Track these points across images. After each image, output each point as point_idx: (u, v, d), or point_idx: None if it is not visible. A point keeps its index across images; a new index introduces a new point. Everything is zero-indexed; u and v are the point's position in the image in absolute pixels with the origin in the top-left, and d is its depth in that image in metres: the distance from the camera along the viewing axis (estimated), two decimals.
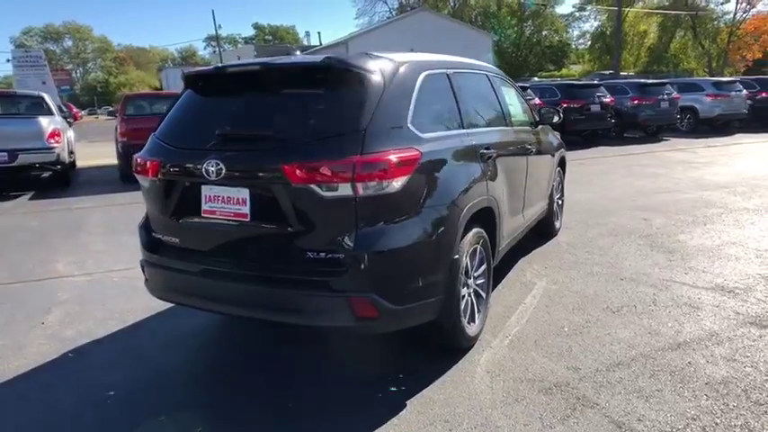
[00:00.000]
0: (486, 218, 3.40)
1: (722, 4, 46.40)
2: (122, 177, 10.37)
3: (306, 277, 2.59)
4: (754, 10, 44.32)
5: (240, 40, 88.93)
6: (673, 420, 2.57)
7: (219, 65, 2.97)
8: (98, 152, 16.41)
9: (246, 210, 2.68)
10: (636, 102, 15.71)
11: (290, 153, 2.52)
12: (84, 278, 4.95)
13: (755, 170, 9.87)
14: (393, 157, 2.53)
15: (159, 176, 2.92)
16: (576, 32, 62.96)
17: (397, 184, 2.55)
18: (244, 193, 2.67)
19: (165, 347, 3.55)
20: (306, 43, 63.13)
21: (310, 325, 2.88)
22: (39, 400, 2.95)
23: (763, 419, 2.55)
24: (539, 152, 4.82)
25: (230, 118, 2.89)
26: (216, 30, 52.92)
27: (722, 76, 32.75)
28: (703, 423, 2.54)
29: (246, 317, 3.05)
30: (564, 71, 54.64)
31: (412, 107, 2.83)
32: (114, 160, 12.88)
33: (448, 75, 3.39)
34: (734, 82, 17.92)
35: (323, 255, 2.57)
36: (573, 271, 4.71)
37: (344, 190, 2.47)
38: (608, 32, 51.32)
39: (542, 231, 5.56)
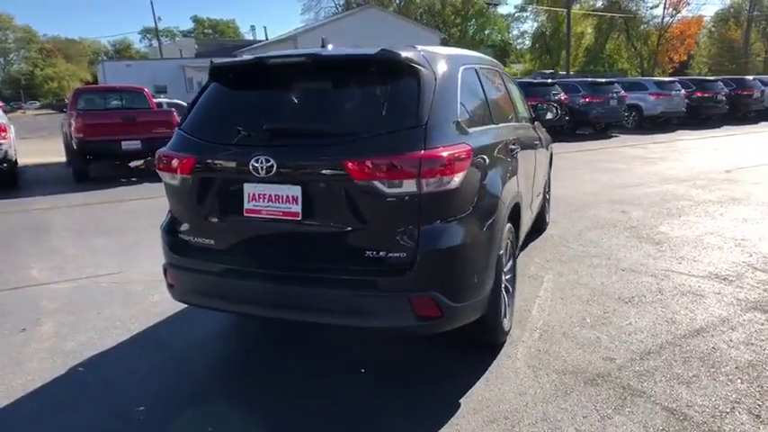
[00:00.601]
0: (513, 213, 3.41)
1: (652, 8, 49.08)
2: (77, 177, 9.74)
3: (364, 277, 2.50)
4: (679, 15, 47.17)
5: (178, 34, 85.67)
6: (719, 404, 2.66)
7: (261, 55, 2.80)
8: (37, 149, 15.43)
9: (298, 208, 2.55)
10: (587, 100, 16.31)
11: (352, 148, 2.41)
12: (68, 285, 4.60)
13: (706, 165, 10.47)
14: (453, 153, 2.47)
15: (193, 174, 2.73)
16: (515, 32, 64.90)
17: (456, 179, 2.49)
18: (295, 191, 2.54)
19: (183, 356, 3.35)
20: (252, 38, 61.65)
21: (369, 327, 2.78)
22: (58, 420, 2.70)
23: None
24: (540, 147, 4.91)
25: (277, 112, 2.74)
26: (155, 22, 50.83)
27: (652, 76, 34.60)
28: (747, 406, 2.65)
29: (296, 320, 2.89)
30: (506, 70, 56.00)
31: (458, 101, 2.78)
32: (59, 157, 12.15)
33: (476, 69, 3.36)
34: (673, 82, 18.98)
35: (383, 254, 2.49)
36: (574, 263, 4.81)
37: (409, 186, 2.39)
38: (547, 33, 53.19)
39: (536, 225, 5.65)
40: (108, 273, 4.85)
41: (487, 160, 2.90)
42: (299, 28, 42.83)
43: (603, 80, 18.42)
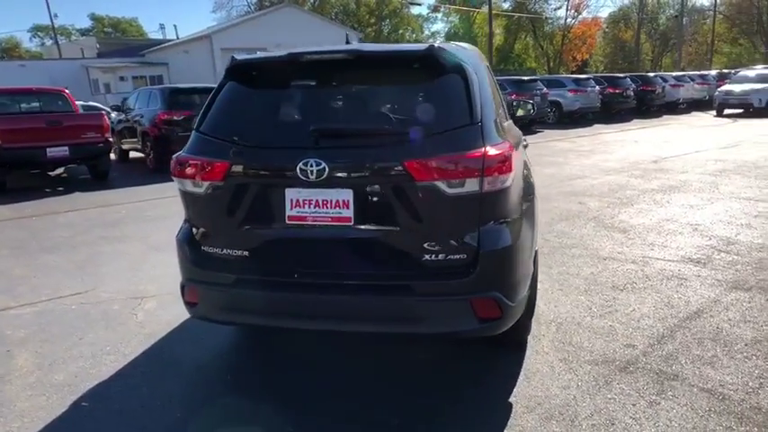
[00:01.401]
0: None
1: (555, 10, 52.07)
2: None
3: (423, 282, 2.40)
4: (580, 17, 50.42)
5: (75, 32, 79.53)
6: (747, 381, 2.82)
7: (294, 51, 2.59)
8: None
9: (349, 213, 2.40)
10: (514, 97, 16.93)
11: (412, 148, 2.30)
12: (29, 309, 4.09)
13: (633, 156, 11.21)
14: (507, 151, 2.43)
15: (226, 180, 2.50)
16: (426, 33, 66.38)
17: (510, 178, 2.46)
18: (346, 195, 2.39)
19: (197, 379, 3.07)
20: (162, 36, 58.28)
21: (428, 334, 2.67)
22: None
23: None
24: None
25: (321, 112, 2.55)
26: (51, 19, 46.88)
27: (558, 74, 36.72)
28: None
29: (348, 331, 2.72)
30: None
31: (492, 98, 2.75)
32: None
33: (487, 66, 3.35)
34: (589, 79, 20.23)
35: (441, 256, 2.40)
36: (557, 255, 4.95)
37: (471, 186, 2.32)
38: (460, 33, 54.85)
39: None
40: (72, 293, 4.37)
41: (520, 158, 2.90)
42: (213, 27, 41.11)
43: (527, 78, 19.25)
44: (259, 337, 3.57)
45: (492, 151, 2.35)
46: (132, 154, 12.87)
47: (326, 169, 2.33)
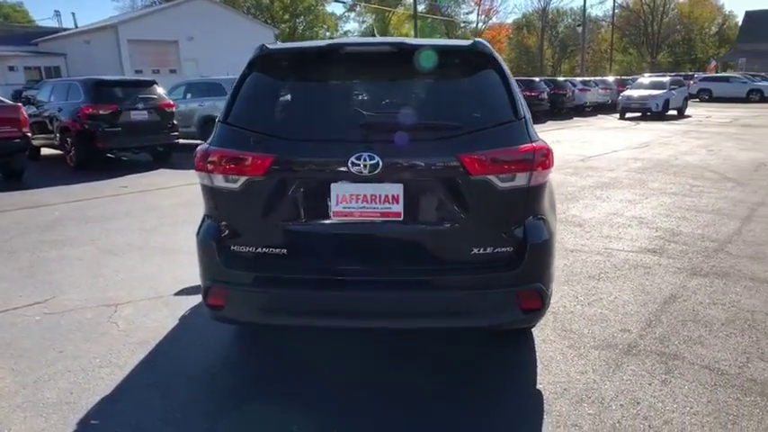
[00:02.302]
0: None
1: (467, 14, 54.08)
2: None
3: (472, 275, 2.43)
4: (490, 21, 52.75)
5: None
6: (737, 357, 3.11)
7: (333, 42, 2.49)
8: None
9: (399, 208, 2.36)
10: None
11: (466, 143, 2.31)
12: None
13: (561, 155, 11.89)
14: (547, 146, 2.51)
15: (268, 175, 2.37)
16: (339, 32, 66.39)
17: (549, 172, 2.54)
18: (396, 189, 2.35)
19: (217, 387, 2.90)
20: (58, 24, 53.41)
21: (473, 327, 2.68)
22: None
23: None
24: None
25: (369, 105, 2.49)
26: None
27: None
28: (755, 354, 3.14)
29: (393, 328, 2.67)
30: None
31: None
32: None
33: None
34: (540, 81, 21.40)
35: (490, 249, 2.44)
36: None
37: (521, 180, 2.38)
38: (376, 33, 55.27)
39: None
40: (29, 303, 3.95)
41: None
42: (118, 16, 38.50)
43: None
44: (259, 336, 3.42)
45: (538, 146, 2.42)
46: (45, 151, 11.77)
47: (380, 164, 2.29)
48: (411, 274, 2.45)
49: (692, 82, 31.67)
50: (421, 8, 55.32)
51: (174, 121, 10.48)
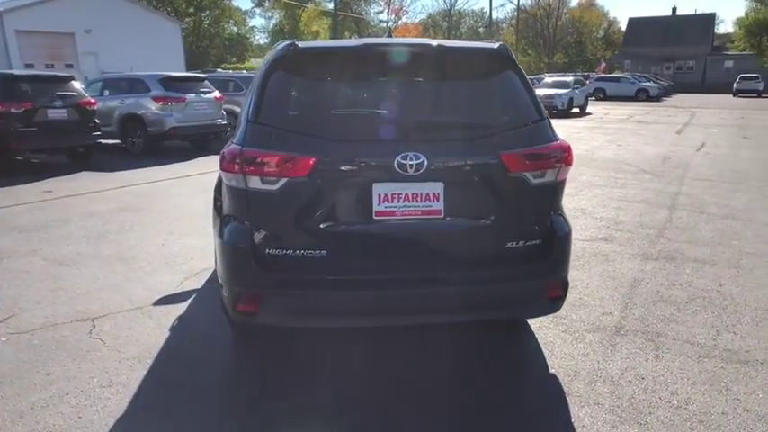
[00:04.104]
0: None
1: (377, 13, 54.65)
2: None
3: (507, 268, 2.53)
4: (401, 21, 53.72)
5: None
6: (708, 331, 3.48)
7: (368, 42, 2.46)
8: None
9: (440, 205, 2.41)
10: None
11: (505, 141, 2.41)
12: None
13: None
14: (568, 144, 2.67)
15: (310, 176, 2.32)
16: (246, 27, 64.68)
17: (570, 167, 2.70)
18: (437, 188, 2.40)
19: (242, 400, 2.79)
20: None
21: (509, 317, 2.76)
22: None
23: (737, 317, 3.69)
24: None
25: (405, 105, 2.48)
26: None
27: None
28: (723, 327, 3.53)
29: (430, 323, 2.69)
30: (248, 64, 55.45)
31: None
32: None
33: None
34: None
35: (522, 243, 2.56)
36: None
37: (550, 176, 2.52)
38: (286, 29, 54.44)
39: None
40: None
41: None
42: (2, 3, 34.78)
43: None
44: (264, 341, 3.33)
45: (564, 144, 2.57)
46: None
47: (425, 163, 2.33)
48: (450, 269, 2.51)
49: (588, 82, 34.18)
50: (331, 5, 55.20)
51: (96, 120, 9.74)
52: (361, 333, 3.33)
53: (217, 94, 11.83)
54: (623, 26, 68.39)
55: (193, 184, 8.33)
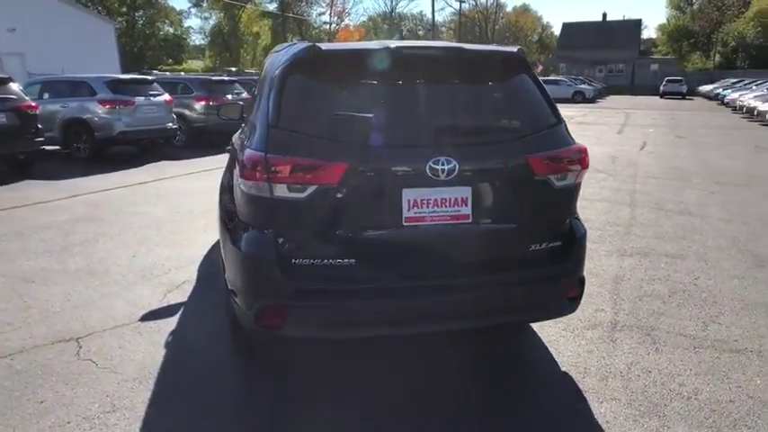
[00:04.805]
0: None
1: (319, 15, 54.31)
2: None
3: (532, 270, 2.55)
4: (343, 24, 53.65)
5: None
6: (696, 323, 3.65)
7: (396, 43, 2.41)
8: None
9: (468, 210, 2.40)
10: None
11: (530, 144, 2.43)
12: None
13: None
14: (585, 146, 2.73)
15: (341, 183, 2.25)
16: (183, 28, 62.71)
17: (587, 170, 2.76)
18: (465, 192, 2.38)
19: (267, 416, 2.67)
20: None
21: (533, 320, 2.77)
22: None
23: (718, 308, 3.90)
24: None
25: (431, 109, 2.46)
26: None
27: None
28: (708, 318, 3.71)
29: (455, 329, 2.66)
30: (185, 66, 53.69)
31: None
32: None
33: None
34: None
35: (544, 245, 2.59)
36: None
37: (571, 178, 2.57)
38: (225, 30, 53.19)
39: None
40: None
41: None
42: None
43: None
44: (266, 352, 3.22)
45: (582, 147, 2.63)
46: None
47: (456, 168, 2.31)
48: (478, 273, 2.50)
49: None
50: (273, 6, 54.46)
51: (39, 126, 9.13)
52: (365, 343, 3.28)
53: (167, 96, 11.37)
54: (556, 30, 71.33)
55: (150, 191, 7.96)
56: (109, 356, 3.17)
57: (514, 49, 2.66)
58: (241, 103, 5.99)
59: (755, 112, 21.32)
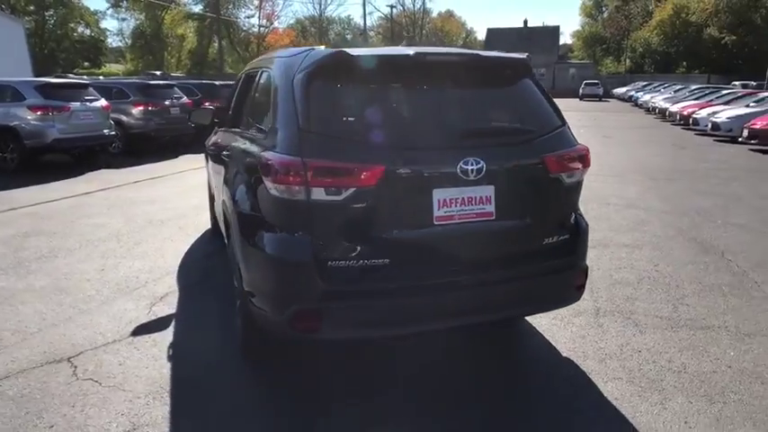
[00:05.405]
0: None
1: (248, 18, 53.25)
2: None
3: (546, 262, 2.72)
4: (273, 26, 52.88)
5: None
6: (666, 306, 3.98)
7: (419, 50, 2.49)
8: None
9: (491, 207, 2.53)
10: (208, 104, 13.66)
11: (545, 145, 2.59)
12: None
13: None
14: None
15: (378, 185, 2.31)
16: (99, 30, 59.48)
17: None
18: (488, 191, 2.50)
19: (296, 419, 2.66)
20: None
21: (547, 310, 2.92)
22: None
23: (681, 291, 4.27)
24: None
25: (454, 112, 2.57)
26: None
27: None
28: (677, 301, 4.06)
29: (476, 323, 2.76)
30: (104, 69, 51.03)
31: None
32: None
33: None
34: None
35: (556, 238, 2.76)
36: None
37: (578, 176, 2.76)
38: (148, 32, 50.99)
39: None
40: None
41: None
42: None
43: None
44: (280, 361, 3.20)
45: (585, 147, 2.83)
46: None
47: (484, 167, 2.43)
48: (501, 268, 2.63)
49: None
50: (198, 8, 52.77)
51: None
52: (376, 342, 3.34)
53: (104, 102, 10.81)
54: (479, 35, 73.85)
55: (100, 202, 7.57)
56: (111, 374, 3.04)
57: (523, 55, 2.83)
58: (212, 108, 5.80)
59: (667, 113, 23.15)
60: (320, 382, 3.01)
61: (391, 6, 55.35)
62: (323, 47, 2.66)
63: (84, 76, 33.73)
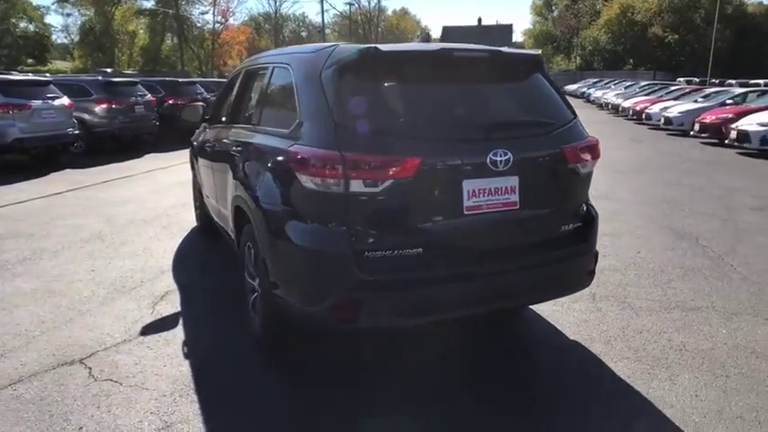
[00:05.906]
0: None
1: (202, 14, 52.00)
2: None
3: (563, 249, 2.85)
4: (228, 23, 51.84)
5: None
6: (655, 289, 4.22)
7: (445, 45, 2.56)
8: None
9: (516, 197, 2.64)
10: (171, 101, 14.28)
11: (563, 136, 2.72)
12: None
13: None
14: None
15: (414, 177, 2.37)
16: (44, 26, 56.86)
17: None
18: (513, 181, 2.61)
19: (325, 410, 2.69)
20: None
21: (563, 295, 3.05)
22: None
23: (666, 276, 4.52)
24: None
25: (479, 105, 2.67)
26: None
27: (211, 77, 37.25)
28: (663, 283, 4.30)
29: (499, 309, 2.88)
30: (50, 66, 48.68)
31: None
32: None
33: None
34: None
35: (571, 226, 2.90)
36: None
37: (590, 166, 2.91)
38: (97, 29, 49.12)
39: None
40: None
41: None
42: None
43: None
44: (299, 352, 3.23)
45: (596, 139, 2.98)
46: None
47: (511, 159, 2.54)
48: (524, 255, 2.75)
49: None
50: (150, 4, 51.15)
51: None
52: (382, 336, 3.40)
53: (66, 100, 10.42)
54: (434, 33, 74.53)
55: (74, 202, 7.32)
56: (130, 374, 2.99)
57: (537, 52, 2.96)
58: (202, 105, 5.71)
59: (620, 109, 24.07)
60: (343, 370, 3.06)
61: (350, 4, 55.15)
62: (344, 44, 2.72)
63: (30, 74, 32.19)
